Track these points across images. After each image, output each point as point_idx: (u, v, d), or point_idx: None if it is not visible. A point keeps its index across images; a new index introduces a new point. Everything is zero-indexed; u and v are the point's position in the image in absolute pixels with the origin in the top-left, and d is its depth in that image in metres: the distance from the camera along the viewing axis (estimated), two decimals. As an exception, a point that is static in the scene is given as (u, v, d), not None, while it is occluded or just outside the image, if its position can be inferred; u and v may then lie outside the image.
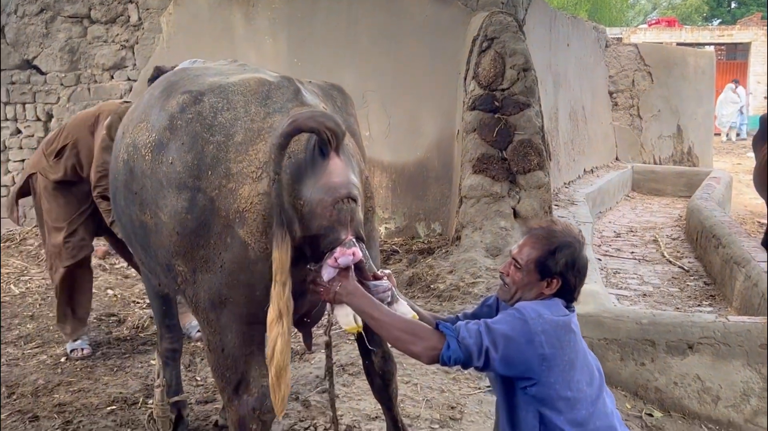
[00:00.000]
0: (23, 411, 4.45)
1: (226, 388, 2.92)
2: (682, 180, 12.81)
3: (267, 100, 2.84)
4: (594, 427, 2.56)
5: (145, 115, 3.06)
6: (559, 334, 2.52)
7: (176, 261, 2.87)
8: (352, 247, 2.58)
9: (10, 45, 9.10)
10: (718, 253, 7.11)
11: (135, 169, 2.99)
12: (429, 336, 2.51)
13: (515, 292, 2.66)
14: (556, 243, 2.62)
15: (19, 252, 8.41)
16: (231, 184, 2.70)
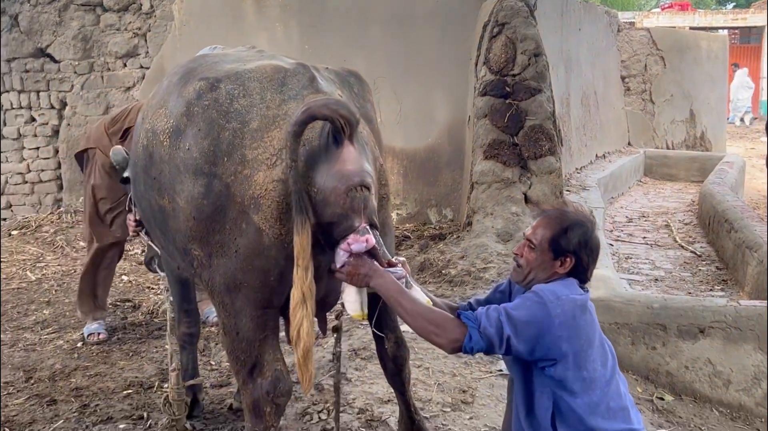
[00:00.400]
0: (41, 395, 4.52)
1: (241, 371, 2.94)
2: (695, 165, 12.74)
3: (282, 86, 2.84)
4: (607, 407, 2.59)
5: (163, 101, 3.08)
6: (577, 314, 2.56)
7: (193, 245, 2.90)
8: (365, 234, 2.59)
9: (23, 33, 9.14)
10: (731, 238, 7.08)
11: (154, 154, 3.02)
12: (452, 327, 2.55)
13: (528, 273, 2.69)
14: (568, 222, 2.66)
15: (35, 239, 8.48)
16: (246, 171, 2.72)
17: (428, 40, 7.99)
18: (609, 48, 13.43)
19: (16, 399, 4.47)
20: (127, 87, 9.04)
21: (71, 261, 7.66)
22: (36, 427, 4.11)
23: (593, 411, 2.58)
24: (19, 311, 6.17)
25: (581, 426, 2.58)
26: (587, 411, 2.57)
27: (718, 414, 4.59)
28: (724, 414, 4.61)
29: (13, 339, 5.51)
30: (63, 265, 7.55)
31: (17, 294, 6.64)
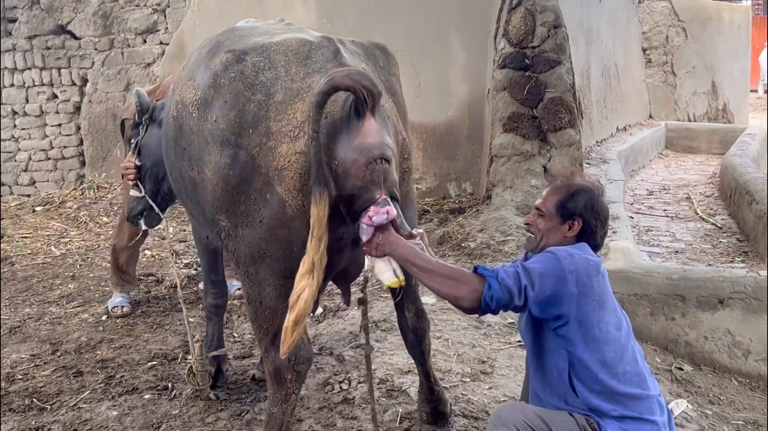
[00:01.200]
0: (68, 367, 4.59)
1: (264, 339, 3.00)
2: (717, 137, 12.62)
3: (307, 60, 2.86)
4: (622, 370, 2.62)
5: (192, 73, 3.12)
6: (590, 272, 2.59)
7: (220, 216, 2.94)
8: (386, 206, 2.60)
9: (44, 11, 9.17)
10: (752, 210, 7.04)
11: (183, 125, 3.07)
12: (470, 279, 2.54)
13: (540, 239, 2.74)
14: (575, 188, 2.73)
15: (58, 215, 8.56)
16: (271, 142, 2.75)
17: (447, 14, 7.94)
18: (630, 19, 13.30)
19: (44, 371, 4.55)
20: (148, 63, 9.07)
21: (94, 236, 7.75)
22: (63, 398, 4.18)
23: (608, 371, 2.60)
24: (45, 285, 6.26)
25: (597, 385, 2.61)
26: (601, 369, 2.60)
27: (737, 384, 4.60)
28: (743, 383, 4.62)
29: (39, 312, 5.60)
30: (86, 240, 7.63)
31: (42, 269, 6.73)
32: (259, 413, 3.87)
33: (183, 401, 4.05)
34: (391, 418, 3.71)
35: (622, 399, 2.61)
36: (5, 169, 9.56)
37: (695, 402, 4.22)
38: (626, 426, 2.60)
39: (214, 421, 3.81)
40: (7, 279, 6.49)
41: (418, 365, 3.58)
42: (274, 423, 3.05)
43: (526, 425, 2.57)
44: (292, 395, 3.02)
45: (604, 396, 2.61)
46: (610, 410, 2.61)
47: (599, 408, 2.61)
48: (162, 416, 3.91)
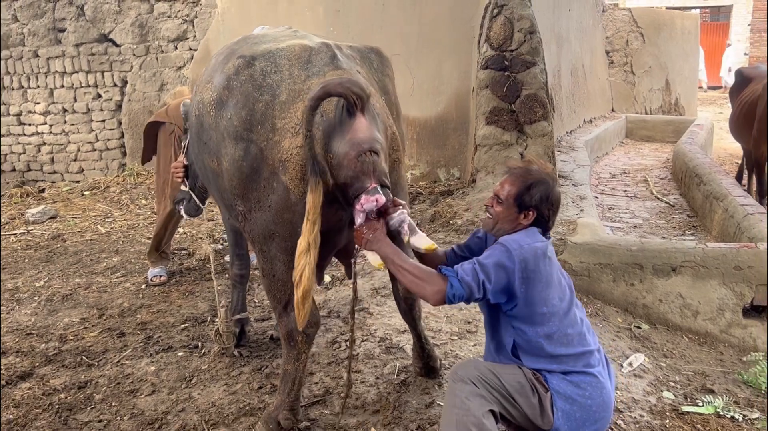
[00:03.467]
0: (112, 329, 4.59)
1: (277, 307, 3.03)
2: (670, 127, 12.54)
3: (308, 64, 2.86)
4: (565, 336, 2.61)
5: (210, 77, 3.11)
6: (537, 259, 2.54)
7: (237, 201, 2.94)
8: (375, 194, 2.60)
9: (89, 22, 9.11)
10: (700, 190, 7.01)
11: (204, 122, 3.06)
12: (435, 280, 2.52)
13: (496, 223, 2.68)
14: (531, 180, 2.63)
15: (104, 198, 8.55)
16: (276, 137, 2.75)
17: (438, 20, 7.87)
18: (595, 26, 13.19)
19: (92, 333, 4.55)
20: (179, 66, 9.01)
21: (135, 217, 7.73)
22: (108, 356, 4.18)
23: (551, 341, 2.59)
24: (92, 259, 6.24)
25: (541, 353, 2.60)
26: (545, 340, 2.59)
27: (687, 341, 4.58)
28: (692, 340, 4.60)
29: (87, 282, 5.59)
30: (128, 220, 7.61)
31: (90, 245, 6.71)
32: (276, 368, 3.86)
33: (211, 358, 4.04)
34: (390, 371, 3.70)
35: (565, 359, 2.61)
36: (58, 159, 9.52)
37: (651, 356, 4.21)
38: (570, 378, 2.60)
39: (237, 375, 3.81)
40: (60, 253, 6.47)
41: (411, 328, 3.58)
42: (289, 378, 3.09)
43: (479, 378, 2.56)
44: (302, 354, 3.05)
45: (548, 360, 2.61)
46: (554, 368, 2.61)
47: (544, 368, 2.62)
48: (193, 370, 3.90)
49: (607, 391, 2.64)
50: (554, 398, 2.57)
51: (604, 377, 2.64)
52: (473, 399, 2.52)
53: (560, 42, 10.18)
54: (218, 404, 3.50)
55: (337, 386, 3.60)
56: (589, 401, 2.59)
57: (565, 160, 8.12)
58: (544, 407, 2.57)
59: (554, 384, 2.59)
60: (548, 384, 2.59)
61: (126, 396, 3.66)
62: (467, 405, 2.50)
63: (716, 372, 4.13)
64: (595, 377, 2.61)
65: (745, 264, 4.55)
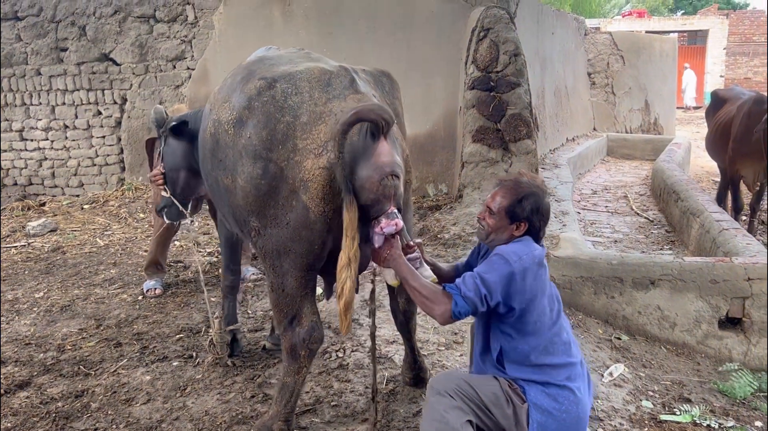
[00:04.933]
0: (109, 339, 4.55)
1: (282, 321, 2.98)
2: (649, 146, 12.64)
3: (328, 87, 2.83)
4: (551, 343, 2.60)
5: (228, 96, 3.06)
6: (535, 269, 2.54)
7: (251, 217, 2.91)
8: (395, 218, 2.63)
9: (90, 42, 9.10)
10: (678, 206, 7.05)
11: (219, 140, 3.01)
12: (441, 299, 2.53)
13: (490, 233, 2.67)
14: (522, 193, 2.62)
15: (103, 212, 8.51)
16: (297, 157, 2.73)
17: (426, 43, 7.92)
18: (577, 49, 13.31)
19: (89, 343, 4.51)
20: (177, 85, 9.00)
21: (133, 230, 7.69)
22: (105, 365, 4.15)
23: (537, 349, 2.58)
24: (90, 271, 6.20)
25: (526, 361, 2.59)
26: (533, 350, 2.58)
27: (665, 351, 4.60)
28: (670, 350, 4.62)
29: (86, 293, 5.55)
30: (126, 233, 7.57)
31: (89, 257, 6.67)
32: (269, 377, 3.84)
33: (205, 367, 4.01)
34: (379, 380, 3.68)
35: (548, 369, 2.59)
36: (59, 173, 9.48)
37: (630, 366, 4.21)
38: (548, 390, 2.58)
39: (231, 384, 3.78)
40: (59, 265, 6.43)
41: (405, 341, 3.57)
42: (287, 390, 3.04)
43: (456, 391, 2.56)
44: (304, 368, 3.01)
45: (531, 369, 2.59)
46: (535, 379, 2.59)
47: (525, 378, 2.60)
48: (187, 380, 3.88)
49: (583, 406, 2.62)
50: (531, 410, 2.56)
51: (582, 392, 2.63)
52: (451, 411, 2.52)
53: (544, 64, 10.26)
54: (212, 413, 3.48)
55: (327, 395, 3.59)
56: (564, 415, 2.57)
57: (549, 176, 8.15)
58: (519, 418, 2.56)
59: (532, 396, 2.58)
60: (526, 396, 2.58)
61: (122, 405, 3.63)
62: (446, 418, 2.50)
63: (693, 382, 4.14)
64: (573, 392, 2.60)
65: (720, 278, 4.58)
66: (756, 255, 4.74)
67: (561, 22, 11.75)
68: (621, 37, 14.53)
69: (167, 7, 8.87)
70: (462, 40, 7.46)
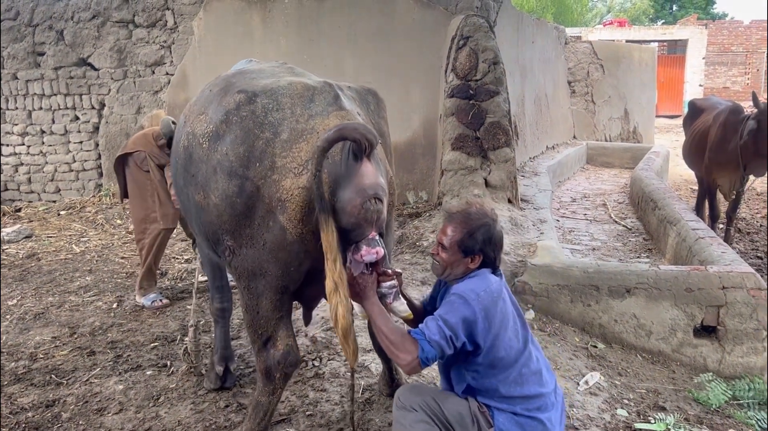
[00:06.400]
0: (83, 348, 4.50)
1: (257, 341, 2.89)
2: (628, 154, 12.75)
3: (311, 103, 2.73)
4: (520, 375, 2.55)
5: (204, 108, 2.95)
6: (496, 303, 2.49)
7: (225, 236, 2.80)
8: (376, 246, 2.52)
9: (68, 46, 9.03)
10: (655, 214, 7.11)
11: (193, 154, 2.90)
12: (408, 347, 2.44)
13: (446, 268, 2.61)
14: (473, 225, 2.56)
15: (79, 218, 8.43)
16: (275, 176, 2.61)
17: (406, 51, 7.94)
18: (558, 57, 13.40)
19: (62, 351, 4.45)
20: (156, 91, 8.95)
21: (109, 236, 7.62)
22: (78, 374, 4.10)
23: (506, 383, 2.53)
24: (66, 278, 6.13)
25: (495, 394, 2.55)
26: (501, 383, 2.53)
27: (641, 359, 4.62)
28: (646, 358, 4.65)
29: (60, 301, 5.48)
30: (103, 239, 7.50)
31: (64, 264, 6.59)
32: (243, 386, 3.81)
33: (179, 376, 3.98)
34: (355, 390, 3.66)
35: (518, 400, 2.54)
36: (35, 179, 9.38)
37: (606, 374, 4.23)
38: (518, 419, 2.54)
39: (204, 394, 3.75)
40: (34, 272, 6.35)
41: (383, 362, 3.55)
42: (261, 409, 2.96)
43: (421, 405, 2.54)
44: (278, 389, 2.93)
45: (500, 400, 2.55)
46: (505, 408, 2.55)
47: (494, 406, 2.56)
48: (161, 389, 3.84)
49: None
50: None
51: (552, 423, 2.58)
52: (416, 425, 2.51)
53: (524, 72, 10.32)
54: (185, 423, 3.44)
55: (302, 404, 3.57)
56: None
57: (528, 184, 8.19)
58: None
59: (500, 423, 2.53)
60: (494, 421, 2.54)
61: (93, 415, 3.58)
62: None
63: (668, 390, 4.17)
64: (543, 423, 2.55)
65: (695, 286, 4.62)
66: (731, 264, 4.79)
67: (541, 31, 11.83)
68: (601, 46, 14.67)
69: (146, 12, 8.82)
70: (442, 48, 7.49)
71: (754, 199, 11.25)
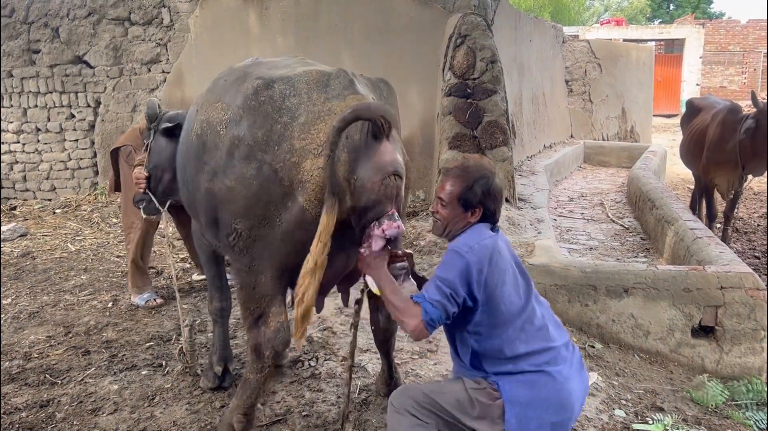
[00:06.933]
0: (77, 347, 4.47)
1: (248, 318, 2.94)
2: (625, 153, 12.74)
3: (326, 87, 2.77)
4: (523, 331, 2.49)
5: (219, 97, 2.98)
6: (491, 256, 2.45)
7: (236, 219, 2.81)
8: (397, 221, 2.55)
9: (63, 44, 8.99)
10: (653, 214, 7.10)
11: (207, 142, 2.92)
12: (411, 310, 2.43)
13: (446, 226, 2.58)
14: (472, 178, 2.53)
15: (75, 216, 8.40)
16: (294, 158, 2.65)
17: (404, 49, 7.91)
18: (555, 56, 13.39)
19: (57, 351, 4.42)
20: (152, 89, 8.92)
21: (105, 235, 7.59)
22: (72, 374, 4.07)
23: (510, 341, 2.48)
24: (61, 276, 6.11)
25: (501, 355, 2.49)
26: (504, 342, 2.48)
27: (639, 359, 4.61)
28: (644, 359, 4.63)
29: (55, 300, 5.45)
30: (98, 238, 7.47)
31: (59, 263, 6.56)
32: (239, 386, 3.79)
33: (174, 376, 3.96)
34: (352, 389, 3.64)
35: (525, 357, 2.48)
36: (30, 177, 9.34)
37: (604, 375, 4.22)
38: (525, 378, 2.47)
39: (200, 394, 3.73)
40: (29, 271, 6.32)
41: (383, 356, 3.52)
42: (248, 386, 3.02)
43: (416, 407, 2.52)
44: (267, 368, 2.96)
45: (506, 362, 2.49)
46: (511, 369, 2.48)
47: (502, 371, 2.49)
48: (156, 389, 3.82)
49: (567, 391, 2.48)
50: (506, 406, 2.46)
51: (564, 375, 2.49)
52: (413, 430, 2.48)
53: (521, 71, 10.30)
54: (180, 423, 3.42)
55: (298, 405, 3.55)
56: (544, 403, 2.45)
57: (525, 183, 8.18)
58: (490, 416, 2.48)
59: (507, 390, 2.47)
60: (500, 391, 2.48)
61: (88, 415, 3.56)
62: None
63: (666, 391, 4.15)
64: (552, 377, 2.46)
65: (693, 286, 4.61)
66: (729, 264, 4.77)
67: (539, 30, 11.82)
68: (599, 45, 14.66)
69: (142, 9, 8.79)
70: (439, 46, 7.46)
71: (751, 198, 11.26)
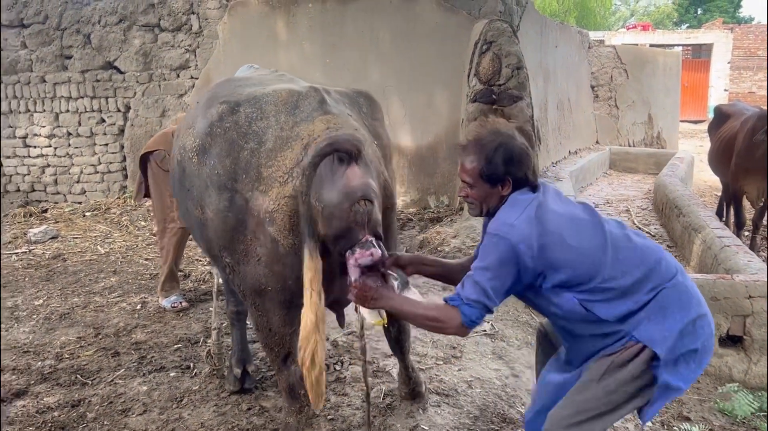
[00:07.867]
0: (107, 348, 4.54)
1: (276, 360, 2.82)
2: (652, 160, 12.62)
3: (295, 109, 2.66)
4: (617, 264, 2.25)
5: (192, 122, 2.92)
6: (534, 226, 2.21)
7: (223, 253, 2.74)
8: (370, 248, 2.37)
9: (95, 50, 9.14)
10: (680, 221, 7.03)
11: (186, 168, 2.87)
12: (449, 315, 2.25)
13: (481, 205, 2.38)
14: (488, 150, 2.29)
15: (104, 219, 8.52)
16: (262, 186, 2.55)
17: (429, 55, 7.94)
18: (581, 62, 13.31)
19: (87, 352, 4.50)
20: (180, 94, 9.03)
21: (134, 238, 7.69)
22: (102, 374, 4.14)
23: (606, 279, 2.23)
24: (90, 278, 6.20)
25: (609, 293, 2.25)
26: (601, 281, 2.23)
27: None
28: (670, 367, 4.58)
29: (85, 302, 5.54)
30: (127, 241, 7.58)
31: (89, 265, 6.67)
32: (265, 389, 3.82)
33: (202, 378, 4.00)
34: (376, 395, 3.67)
35: (637, 287, 2.25)
36: (61, 180, 9.50)
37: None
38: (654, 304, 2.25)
39: (227, 396, 3.77)
40: (59, 273, 6.43)
41: (399, 360, 3.54)
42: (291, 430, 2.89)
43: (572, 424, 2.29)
44: (305, 407, 2.84)
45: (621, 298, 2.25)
46: (633, 307, 2.25)
47: (626, 313, 2.25)
48: (184, 391, 3.87)
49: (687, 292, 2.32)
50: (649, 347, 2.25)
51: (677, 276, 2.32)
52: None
53: (547, 77, 10.26)
54: (207, 425, 3.46)
55: (323, 409, 3.57)
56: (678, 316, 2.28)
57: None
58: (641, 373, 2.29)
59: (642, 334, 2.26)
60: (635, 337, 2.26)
61: (118, 416, 3.62)
62: None
63: (693, 400, 4.11)
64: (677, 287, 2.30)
65: (721, 295, 4.55)
66: (757, 273, 4.71)
67: (564, 35, 11.77)
68: (625, 51, 14.55)
69: (172, 16, 8.91)
70: (465, 52, 7.47)
71: (781, 206, 11.08)
